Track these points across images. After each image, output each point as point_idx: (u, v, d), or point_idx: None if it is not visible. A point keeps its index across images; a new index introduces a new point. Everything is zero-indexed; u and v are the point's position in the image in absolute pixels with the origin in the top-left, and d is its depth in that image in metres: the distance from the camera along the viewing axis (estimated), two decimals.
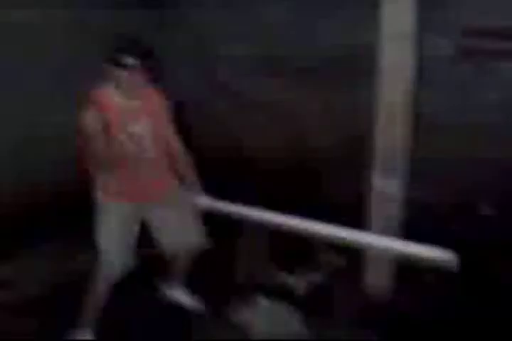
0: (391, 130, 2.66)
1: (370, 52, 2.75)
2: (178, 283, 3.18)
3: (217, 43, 4.49)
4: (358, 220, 2.98)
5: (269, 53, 4.24)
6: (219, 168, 4.37)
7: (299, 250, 3.64)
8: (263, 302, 3.12)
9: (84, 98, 2.43)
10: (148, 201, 2.72)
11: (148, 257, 3.06)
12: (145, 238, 2.84)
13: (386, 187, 2.75)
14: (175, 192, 2.82)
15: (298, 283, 3.32)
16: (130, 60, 2.32)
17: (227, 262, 3.50)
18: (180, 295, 3.16)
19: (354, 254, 3.36)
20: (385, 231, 2.82)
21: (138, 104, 2.51)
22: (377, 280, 2.98)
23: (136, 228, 2.77)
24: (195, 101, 4.69)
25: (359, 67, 3.66)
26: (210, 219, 3.02)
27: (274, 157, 4.39)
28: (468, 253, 3.26)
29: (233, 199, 3.11)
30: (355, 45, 3.67)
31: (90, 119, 2.33)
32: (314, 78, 4.04)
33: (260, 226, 3.83)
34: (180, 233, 2.86)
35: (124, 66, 2.32)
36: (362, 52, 3.47)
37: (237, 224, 3.85)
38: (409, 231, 2.88)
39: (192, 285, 3.20)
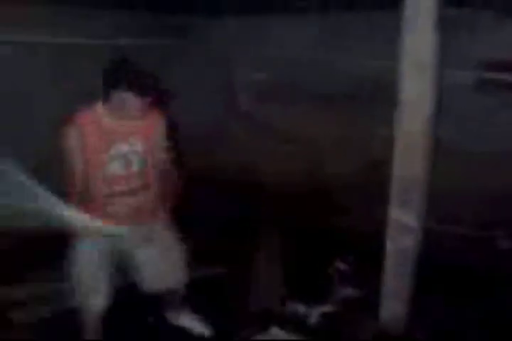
0: (409, 160, 2.64)
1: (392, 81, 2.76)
2: (183, 308, 3.12)
3: (237, 68, 4.55)
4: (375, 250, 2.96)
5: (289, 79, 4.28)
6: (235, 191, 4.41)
7: (312, 279, 3.61)
8: (275, 331, 3.07)
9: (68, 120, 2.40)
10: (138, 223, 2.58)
11: None
12: None
13: (403, 217, 2.72)
14: (163, 226, 2.76)
15: (310, 312, 3.28)
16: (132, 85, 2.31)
17: (240, 290, 3.46)
18: (188, 321, 3.11)
19: (370, 285, 3.36)
20: (399, 262, 2.80)
21: (129, 124, 2.45)
22: (392, 313, 2.92)
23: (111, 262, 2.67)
24: (215, 127, 4.73)
25: (380, 95, 3.70)
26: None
27: (290, 182, 4.39)
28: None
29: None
30: (377, 72, 3.69)
31: (70, 140, 2.34)
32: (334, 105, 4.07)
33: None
34: (163, 272, 2.76)
35: (136, 92, 2.31)
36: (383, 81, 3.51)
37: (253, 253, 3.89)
38: (425, 263, 2.86)
39: (204, 312, 3.18)
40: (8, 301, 3.20)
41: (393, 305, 2.89)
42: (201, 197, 4.42)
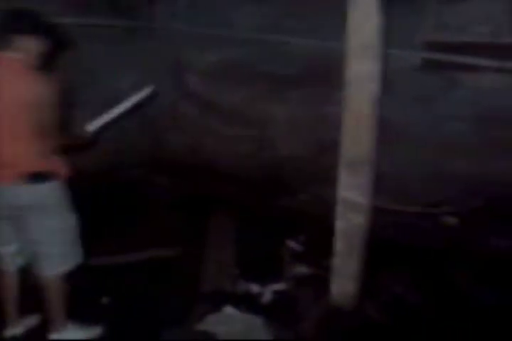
0: (357, 140, 2.69)
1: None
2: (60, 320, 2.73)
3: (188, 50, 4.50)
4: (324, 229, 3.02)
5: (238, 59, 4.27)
6: (183, 171, 4.40)
7: (264, 259, 3.66)
8: (228, 310, 3.10)
9: None
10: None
11: None
12: None
13: (351, 196, 2.77)
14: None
15: (262, 290, 3.32)
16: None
17: (193, 270, 3.47)
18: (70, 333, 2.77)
19: (320, 263, 3.44)
20: (349, 240, 2.86)
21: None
22: (342, 289, 2.99)
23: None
24: (165, 107, 4.69)
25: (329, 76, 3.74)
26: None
27: (241, 163, 4.41)
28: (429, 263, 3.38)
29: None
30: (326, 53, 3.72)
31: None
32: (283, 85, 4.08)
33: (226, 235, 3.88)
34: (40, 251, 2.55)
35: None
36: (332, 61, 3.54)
37: (204, 233, 3.90)
38: (373, 239, 2.94)
39: (157, 293, 3.18)
40: None
41: (344, 282, 2.96)
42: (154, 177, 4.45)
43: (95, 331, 2.88)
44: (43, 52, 2.40)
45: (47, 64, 2.44)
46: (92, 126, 2.53)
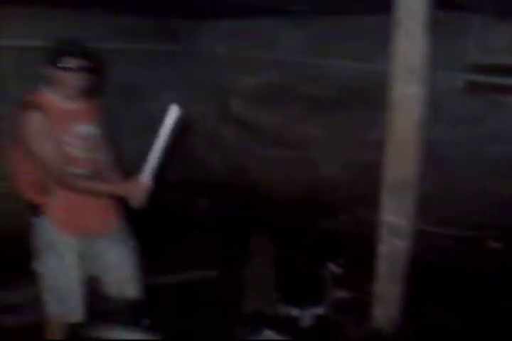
0: (401, 163, 2.66)
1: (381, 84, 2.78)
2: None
3: (228, 72, 4.55)
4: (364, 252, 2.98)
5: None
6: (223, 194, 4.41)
7: (304, 281, 3.62)
8: (268, 333, 3.07)
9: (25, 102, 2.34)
10: (97, 231, 2.55)
11: None
12: None
13: (394, 219, 2.73)
14: (121, 228, 2.67)
15: (302, 314, 3.28)
16: (73, 62, 2.28)
17: (233, 292, 3.46)
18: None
19: (361, 287, 3.38)
20: (392, 264, 2.82)
21: (80, 105, 2.42)
22: (385, 314, 2.94)
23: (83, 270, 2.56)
24: (206, 129, 4.74)
25: (369, 99, 3.74)
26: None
27: (280, 186, 4.41)
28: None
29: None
30: (366, 76, 3.73)
31: (36, 122, 2.25)
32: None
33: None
34: (124, 276, 2.66)
35: (67, 68, 2.28)
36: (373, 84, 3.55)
37: (244, 255, 3.89)
38: (416, 264, 2.89)
39: (197, 315, 3.18)
40: (2, 305, 3.19)
41: (386, 306, 2.90)
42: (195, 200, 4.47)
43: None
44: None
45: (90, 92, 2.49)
46: (145, 175, 2.35)
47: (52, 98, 2.36)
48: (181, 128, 2.51)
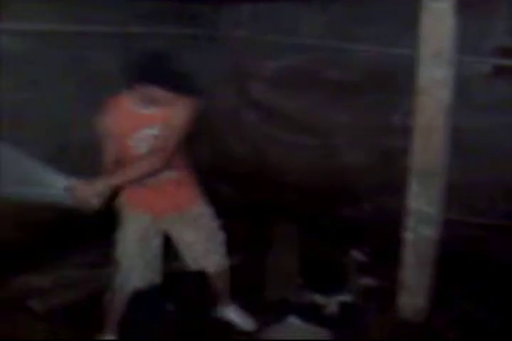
0: (428, 149, 2.61)
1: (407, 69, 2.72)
2: (225, 300, 3.11)
3: (249, 57, 4.50)
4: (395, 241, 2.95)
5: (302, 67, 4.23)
6: (246, 180, 4.38)
7: (328, 269, 3.60)
8: (292, 320, 3.07)
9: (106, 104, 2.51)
10: (167, 212, 2.72)
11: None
12: None
13: (422, 207, 2.69)
14: (196, 206, 2.80)
15: (327, 301, 3.27)
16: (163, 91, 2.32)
17: (256, 280, 3.46)
18: (232, 315, 3.10)
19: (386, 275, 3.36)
20: (419, 252, 2.78)
21: (154, 111, 2.45)
22: (412, 302, 2.91)
23: (157, 242, 2.77)
24: (227, 115, 4.71)
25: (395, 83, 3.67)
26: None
27: (301, 172, 4.37)
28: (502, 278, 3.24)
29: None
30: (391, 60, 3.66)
31: (104, 123, 2.49)
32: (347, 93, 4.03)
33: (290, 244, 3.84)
34: (200, 251, 2.83)
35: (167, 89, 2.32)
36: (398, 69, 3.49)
37: (267, 242, 3.88)
38: (445, 253, 2.85)
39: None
40: (29, 290, 3.22)
41: (412, 295, 2.88)
42: (217, 186, 4.45)
43: (251, 324, 3.07)
44: None
45: None
46: None
47: (127, 102, 2.47)
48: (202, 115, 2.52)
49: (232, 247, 3.77)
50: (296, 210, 4.27)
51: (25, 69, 3.39)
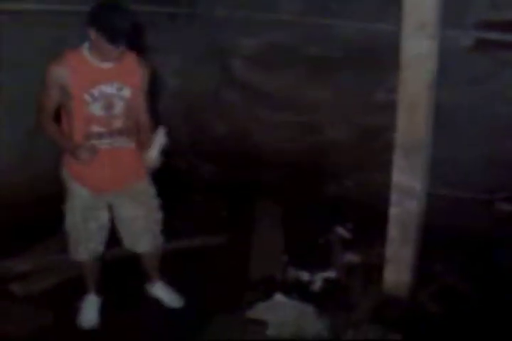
0: (412, 124, 2.60)
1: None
2: (154, 277, 3.10)
3: (229, 35, 4.43)
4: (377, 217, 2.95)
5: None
6: (227, 159, 4.36)
7: (312, 246, 3.61)
8: (278, 297, 3.07)
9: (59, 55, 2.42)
10: (114, 188, 2.67)
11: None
12: None
13: (406, 181, 2.69)
14: (142, 182, 2.76)
15: (313, 278, 3.28)
16: (122, 41, 2.29)
17: (241, 258, 3.45)
18: (159, 292, 3.10)
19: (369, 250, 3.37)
20: (404, 227, 2.79)
21: (111, 67, 2.44)
22: (396, 277, 2.93)
23: (104, 214, 2.74)
24: (208, 93, 4.65)
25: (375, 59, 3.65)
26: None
27: (283, 150, 4.35)
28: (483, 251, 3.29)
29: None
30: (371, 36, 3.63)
31: (54, 73, 2.37)
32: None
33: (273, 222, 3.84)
34: (138, 228, 2.81)
35: (104, 35, 2.25)
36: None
37: (251, 221, 3.87)
38: (428, 226, 2.86)
39: (205, 280, 3.18)
40: (10, 274, 3.18)
41: (398, 269, 2.89)
42: (198, 165, 4.43)
43: (180, 301, 3.06)
44: None
45: None
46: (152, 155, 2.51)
47: (87, 56, 2.40)
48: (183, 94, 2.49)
49: (216, 226, 3.79)
50: (278, 188, 4.26)
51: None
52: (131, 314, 2.94)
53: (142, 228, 2.80)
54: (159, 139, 2.49)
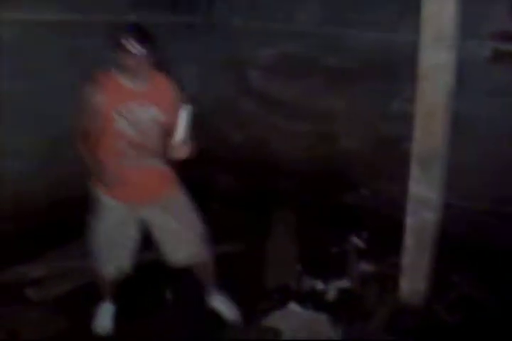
0: (429, 134, 2.60)
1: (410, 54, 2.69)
2: (212, 289, 3.10)
3: (246, 45, 4.47)
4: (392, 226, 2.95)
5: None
6: (244, 167, 4.36)
7: (327, 255, 3.60)
8: (292, 306, 3.07)
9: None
10: (145, 202, 2.69)
11: None
12: None
13: (423, 192, 2.69)
14: (175, 195, 2.78)
15: (327, 287, 3.27)
16: (137, 46, 2.33)
17: (256, 267, 3.46)
18: (218, 304, 3.08)
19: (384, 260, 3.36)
20: (420, 237, 2.78)
21: (144, 88, 2.51)
22: (412, 287, 2.91)
23: (133, 230, 2.75)
24: (225, 103, 4.68)
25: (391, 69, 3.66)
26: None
27: (299, 159, 4.36)
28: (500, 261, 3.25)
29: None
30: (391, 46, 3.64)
31: (89, 96, 2.44)
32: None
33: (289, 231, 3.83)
34: (179, 242, 2.80)
35: (131, 52, 2.33)
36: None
37: (267, 229, 3.88)
38: (445, 237, 2.85)
39: (222, 288, 3.17)
40: (25, 279, 3.22)
41: (413, 279, 2.88)
42: (215, 174, 4.43)
43: (236, 314, 3.03)
44: None
45: None
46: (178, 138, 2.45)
47: (119, 78, 2.48)
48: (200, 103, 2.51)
49: (232, 235, 3.80)
50: (294, 197, 4.26)
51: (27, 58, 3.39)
52: (146, 321, 2.96)
53: (179, 239, 2.79)
54: (184, 120, 2.41)
